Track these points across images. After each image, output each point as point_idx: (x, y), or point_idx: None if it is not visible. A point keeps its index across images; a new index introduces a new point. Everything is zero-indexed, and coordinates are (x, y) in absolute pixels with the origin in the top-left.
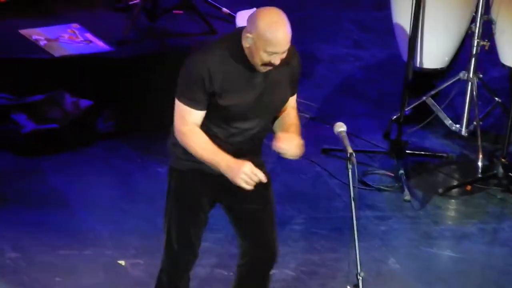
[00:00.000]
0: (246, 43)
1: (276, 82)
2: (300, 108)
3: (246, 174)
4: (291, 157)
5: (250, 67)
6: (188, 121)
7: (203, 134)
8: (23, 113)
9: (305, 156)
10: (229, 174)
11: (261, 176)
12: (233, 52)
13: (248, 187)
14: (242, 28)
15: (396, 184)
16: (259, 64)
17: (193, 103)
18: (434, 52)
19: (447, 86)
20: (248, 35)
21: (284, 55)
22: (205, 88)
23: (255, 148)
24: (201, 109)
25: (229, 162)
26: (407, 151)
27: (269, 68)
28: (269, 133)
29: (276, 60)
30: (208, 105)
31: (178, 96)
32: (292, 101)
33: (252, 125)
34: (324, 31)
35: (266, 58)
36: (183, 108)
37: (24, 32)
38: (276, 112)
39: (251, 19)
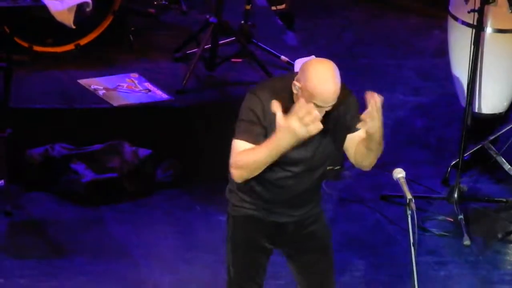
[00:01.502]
0: (294, 89)
1: (331, 127)
2: None
3: (297, 124)
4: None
5: None
6: (239, 151)
7: (249, 148)
8: (83, 163)
9: (364, 202)
10: (288, 138)
11: (308, 112)
12: (285, 93)
13: (315, 131)
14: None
15: (456, 230)
16: None
17: (248, 136)
18: (492, 97)
19: (507, 130)
20: (296, 83)
21: (329, 108)
22: (260, 121)
23: (312, 194)
24: (255, 142)
25: (275, 135)
26: (466, 197)
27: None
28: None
29: (321, 112)
30: None
31: (235, 136)
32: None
33: (306, 168)
34: (384, 79)
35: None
36: (239, 143)
37: (83, 82)
38: (329, 158)
39: (303, 68)
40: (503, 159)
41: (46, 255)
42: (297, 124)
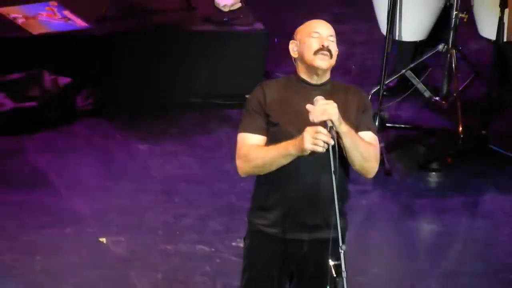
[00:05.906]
0: (294, 54)
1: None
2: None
3: (309, 136)
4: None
5: (305, 92)
6: (247, 144)
7: (262, 146)
8: (2, 92)
9: None
10: (299, 147)
11: (324, 135)
12: (288, 79)
13: (320, 149)
14: None
15: None
16: (312, 55)
17: (252, 129)
18: (412, 25)
19: (429, 59)
20: (292, 41)
21: (331, 42)
22: (262, 110)
23: (329, 203)
24: (259, 134)
25: (292, 141)
26: (387, 124)
27: (325, 56)
28: None
29: (325, 42)
30: (269, 134)
31: (239, 131)
32: (367, 136)
33: (314, 159)
34: (305, 5)
35: (314, 44)
36: (242, 136)
37: (2, 10)
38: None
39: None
40: (423, 86)
41: None
42: (309, 137)
